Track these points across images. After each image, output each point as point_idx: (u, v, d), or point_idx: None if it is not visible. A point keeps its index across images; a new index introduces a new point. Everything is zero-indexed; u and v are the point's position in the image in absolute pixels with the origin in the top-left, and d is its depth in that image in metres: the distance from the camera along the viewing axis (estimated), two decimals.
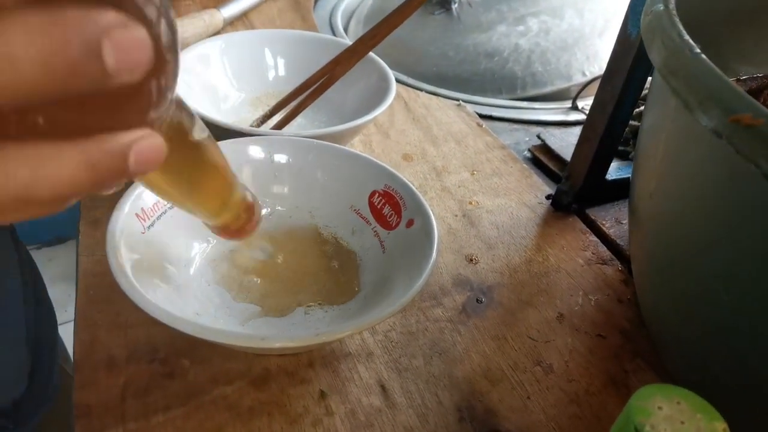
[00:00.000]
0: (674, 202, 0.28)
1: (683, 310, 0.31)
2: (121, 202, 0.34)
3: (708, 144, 0.24)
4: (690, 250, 0.28)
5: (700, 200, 0.26)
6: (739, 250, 0.25)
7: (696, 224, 0.27)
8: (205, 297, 0.35)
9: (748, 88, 0.39)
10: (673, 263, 0.31)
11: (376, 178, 0.40)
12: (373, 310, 0.32)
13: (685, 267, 0.29)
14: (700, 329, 0.30)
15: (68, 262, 1.77)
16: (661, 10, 0.28)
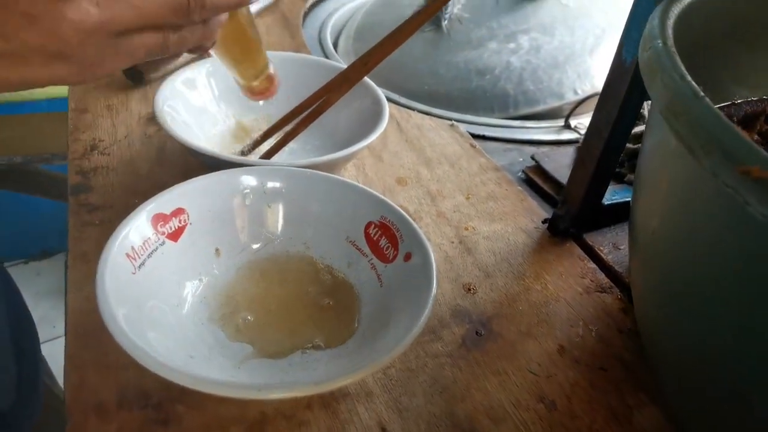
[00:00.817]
0: (678, 243, 0.28)
1: (686, 346, 0.31)
2: (110, 243, 0.33)
3: (713, 189, 0.24)
4: (694, 290, 0.28)
5: (705, 243, 0.26)
6: (745, 294, 0.24)
7: (701, 266, 0.26)
8: (199, 337, 0.34)
9: (744, 113, 0.39)
10: (675, 300, 0.30)
11: (372, 209, 0.40)
12: (373, 351, 0.31)
13: (689, 306, 0.29)
14: (703, 366, 0.30)
15: (56, 277, 1.74)
16: (660, 47, 0.27)
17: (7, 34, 0.23)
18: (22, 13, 0.22)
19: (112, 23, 0.24)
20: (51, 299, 1.67)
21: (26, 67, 0.24)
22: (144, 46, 0.26)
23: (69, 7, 0.23)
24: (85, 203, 0.45)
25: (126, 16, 0.24)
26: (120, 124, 0.54)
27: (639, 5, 0.38)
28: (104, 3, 0.23)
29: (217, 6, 0.27)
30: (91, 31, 0.23)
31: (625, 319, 0.41)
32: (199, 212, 0.38)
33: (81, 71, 0.25)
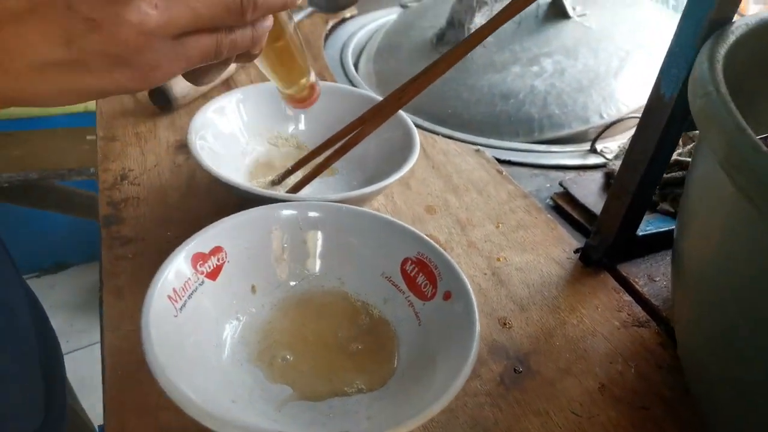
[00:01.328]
0: (733, 284, 0.28)
1: (735, 384, 0.30)
2: (152, 286, 0.33)
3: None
4: (749, 330, 0.27)
5: (762, 293, 0.25)
6: None
7: (758, 308, 0.26)
8: (239, 380, 0.34)
9: None
10: (726, 339, 0.30)
11: (409, 245, 0.39)
12: (420, 399, 0.31)
13: (741, 346, 0.28)
14: (753, 406, 0.29)
15: (69, 290, 1.74)
16: (715, 96, 0.27)
17: (70, 40, 0.23)
18: (84, 19, 0.23)
19: (169, 25, 0.24)
20: (64, 313, 1.67)
21: (87, 74, 0.24)
22: (199, 49, 0.27)
23: (128, 10, 0.23)
24: (117, 236, 0.45)
25: (183, 17, 0.25)
26: (149, 152, 0.54)
27: (678, 42, 0.37)
28: (162, 5, 0.24)
29: (269, 5, 0.27)
30: (150, 33, 0.24)
31: (664, 354, 0.41)
32: (236, 250, 0.38)
33: (140, 76, 0.26)
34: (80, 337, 1.66)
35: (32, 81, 0.24)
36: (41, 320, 0.60)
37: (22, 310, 0.54)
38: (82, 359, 1.60)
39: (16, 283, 0.55)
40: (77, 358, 1.61)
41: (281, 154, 0.53)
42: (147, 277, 0.42)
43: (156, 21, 0.24)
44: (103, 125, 0.57)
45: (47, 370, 0.57)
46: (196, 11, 0.25)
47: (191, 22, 0.25)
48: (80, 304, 1.73)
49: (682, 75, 0.38)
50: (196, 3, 0.25)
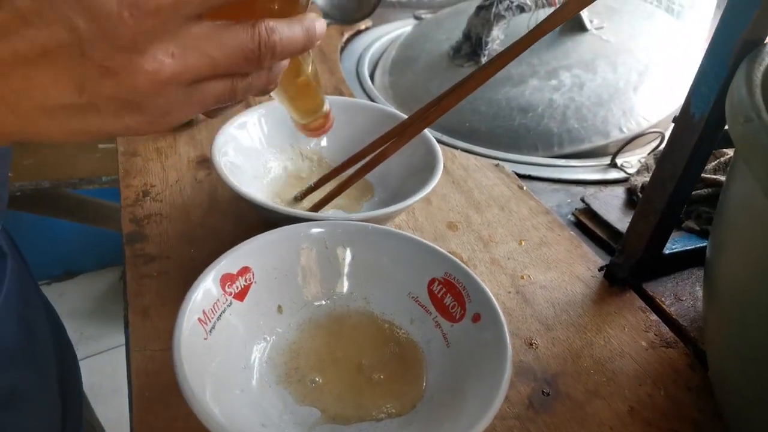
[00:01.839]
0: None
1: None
2: (182, 309, 0.32)
3: None
4: None
5: None
6: None
7: None
8: (268, 402, 0.34)
9: None
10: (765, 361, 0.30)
11: (436, 265, 0.39)
12: (448, 426, 0.30)
13: None
14: None
15: (79, 297, 1.75)
16: (756, 123, 0.27)
17: (82, 86, 0.23)
18: (99, 66, 0.22)
19: (185, 73, 0.24)
20: (74, 320, 1.68)
21: (97, 118, 0.24)
22: (214, 94, 0.26)
23: (144, 58, 0.22)
24: (141, 254, 0.45)
25: (199, 65, 0.24)
26: (170, 168, 0.54)
27: (710, 63, 0.37)
28: (179, 53, 0.23)
29: (286, 52, 0.27)
30: (165, 81, 0.23)
31: (693, 376, 0.41)
32: (263, 270, 0.38)
33: (152, 121, 0.25)
34: (90, 345, 1.66)
35: (41, 122, 0.23)
36: (58, 332, 0.60)
37: (41, 325, 0.54)
38: (92, 367, 1.60)
39: (34, 296, 0.55)
40: (88, 366, 1.60)
41: (303, 170, 0.53)
42: (172, 296, 0.42)
43: (172, 70, 0.23)
44: (124, 141, 0.57)
45: (64, 388, 0.57)
46: (213, 60, 0.24)
47: (207, 70, 0.24)
48: (90, 311, 1.74)
49: (713, 95, 0.37)
50: (213, 51, 0.24)
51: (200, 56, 0.24)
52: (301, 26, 0.26)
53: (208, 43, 0.23)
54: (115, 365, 1.63)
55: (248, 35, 0.24)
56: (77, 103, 0.23)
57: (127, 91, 0.23)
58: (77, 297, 1.79)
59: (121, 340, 1.70)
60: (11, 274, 0.47)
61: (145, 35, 0.21)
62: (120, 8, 0.20)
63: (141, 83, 0.23)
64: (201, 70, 0.24)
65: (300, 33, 0.26)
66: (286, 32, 0.26)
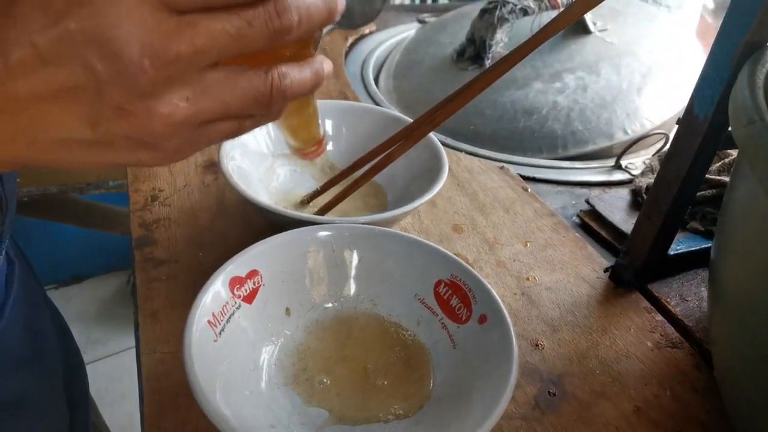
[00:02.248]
0: None
1: None
2: (192, 312, 0.33)
3: None
4: None
5: None
6: None
7: None
8: (277, 404, 0.34)
9: None
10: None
11: (442, 267, 0.39)
12: (455, 426, 0.31)
13: None
14: None
15: (85, 302, 1.76)
16: (759, 124, 0.27)
17: (97, 125, 0.23)
18: (114, 107, 0.22)
19: (198, 116, 0.24)
20: (81, 325, 1.69)
21: (110, 152, 0.24)
22: (222, 133, 0.27)
23: (161, 103, 0.23)
24: (150, 257, 0.46)
25: (213, 109, 0.24)
26: (178, 173, 0.55)
27: (713, 65, 0.37)
28: (193, 98, 0.24)
29: (296, 94, 0.27)
30: (179, 125, 0.24)
31: (699, 377, 0.41)
32: (271, 273, 0.38)
33: (163, 157, 0.26)
34: (98, 349, 1.67)
35: (55, 153, 0.24)
36: (64, 337, 0.61)
37: (47, 330, 0.55)
38: (100, 370, 1.61)
39: (41, 302, 0.56)
40: (95, 370, 1.62)
41: (309, 173, 0.53)
42: (181, 299, 0.42)
43: (186, 113, 0.23)
44: None
45: (71, 393, 0.57)
46: (226, 104, 0.24)
47: (220, 113, 0.25)
48: (97, 315, 1.75)
49: (716, 96, 0.38)
50: (227, 96, 0.24)
51: (214, 101, 0.24)
52: (310, 69, 0.27)
53: (222, 89, 0.24)
54: (122, 369, 1.64)
55: (261, 81, 0.25)
56: (91, 138, 0.23)
57: (141, 132, 0.23)
58: (84, 301, 1.80)
59: (128, 344, 1.71)
60: (18, 281, 0.48)
61: (162, 82, 0.22)
62: (141, 57, 0.21)
63: (155, 126, 0.23)
64: (214, 113, 0.25)
65: (309, 76, 0.27)
66: (297, 76, 0.26)
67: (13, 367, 0.46)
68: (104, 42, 0.20)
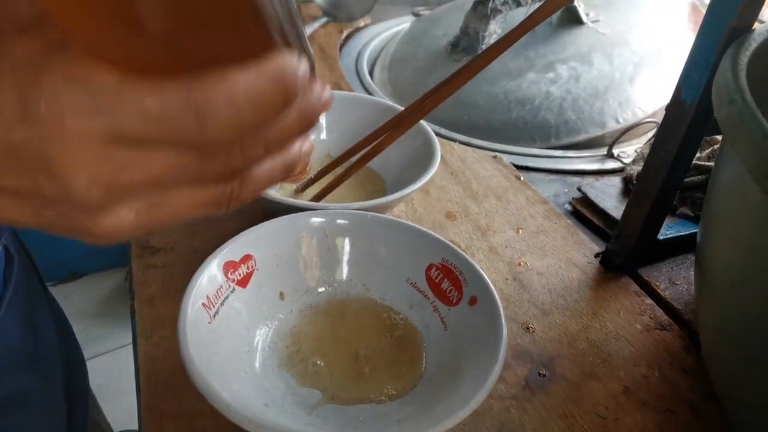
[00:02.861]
0: (763, 296, 0.28)
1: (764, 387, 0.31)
2: (187, 294, 0.33)
3: None
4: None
5: None
6: None
7: None
8: (271, 384, 0.35)
9: None
10: (753, 344, 0.30)
11: (433, 251, 0.40)
12: (448, 404, 0.31)
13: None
14: None
15: (84, 298, 1.76)
16: (740, 103, 0.27)
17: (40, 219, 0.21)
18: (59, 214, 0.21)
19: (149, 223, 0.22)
20: (80, 321, 1.69)
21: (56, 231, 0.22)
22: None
23: (108, 216, 0.21)
24: (146, 245, 0.46)
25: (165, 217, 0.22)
26: None
27: (699, 50, 0.38)
28: (145, 210, 0.21)
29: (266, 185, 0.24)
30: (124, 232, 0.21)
31: (688, 358, 0.41)
32: (265, 257, 0.39)
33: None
34: (97, 345, 1.67)
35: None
36: (64, 333, 0.61)
37: (47, 327, 0.55)
38: (99, 367, 1.61)
39: (41, 298, 0.56)
40: (94, 366, 1.62)
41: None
42: (177, 285, 0.43)
43: (133, 224, 0.21)
44: None
45: (70, 390, 0.57)
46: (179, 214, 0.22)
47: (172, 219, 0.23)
48: (96, 312, 1.75)
49: (703, 81, 0.38)
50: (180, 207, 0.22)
51: (167, 211, 0.22)
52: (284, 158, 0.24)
53: (176, 202, 0.22)
54: (121, 364, 1.64)
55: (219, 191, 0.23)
56: (34, 224, 0.21)
57: (85, 234, 0.21)
58: (83, 298, 1.80)
59: (126, 340, 1.71)
60: (17, 276, 0.48)
61: (111, 202, 0.20)
62: (88, 186, 0.19)
63: (100, 232, 0.21)
64: (166, 219, 0.22)
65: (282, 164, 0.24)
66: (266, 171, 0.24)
67: (12, 364, 0.46)
68: (50, 166, 0.19)
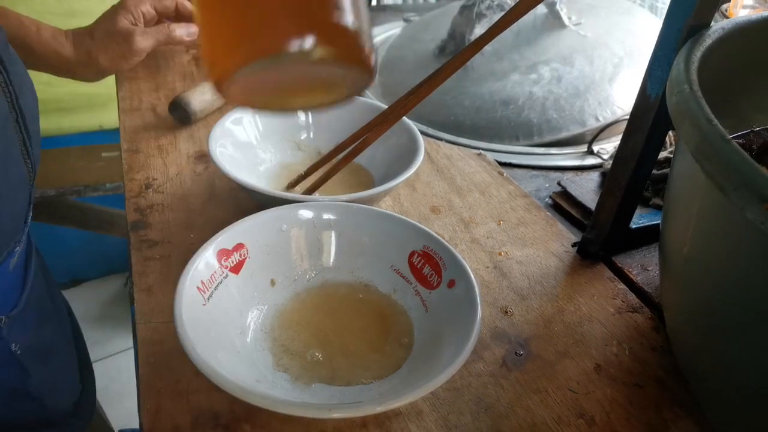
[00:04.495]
0: (708, 268, 0.30)
1: (718, 361, 0.33)
2: (183, 277, 0.36)
3: (741, 221, 0.26)
4: (723, 311, 0.30)
5: (733, 269, 0.28)
6: None
7: (729, 289, 0.29)
8: (262, 363, 0.37)
9: (763, 140, 0.42)
10: (706, 320, 0.33)
11: (415, 239, 0.42)
12: (427, 373, 0.34)
13: (719, 325, 0.31)
14: (733, 379, 0.32)
15: (84, 304, 1.78)
16: (687, 92, 0.30)
17: None
18: None
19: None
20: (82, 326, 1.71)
21: None
22: None
23: None
24: (145, 239, 0.49)
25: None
26: (171, 164, 0.58)
27: (661, 47, 0.41)
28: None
29: None
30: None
31: (657, 338, 0.44)
32: (257, 246, 0.41)
33: None
34: (97, 350, 1.69)
35: None
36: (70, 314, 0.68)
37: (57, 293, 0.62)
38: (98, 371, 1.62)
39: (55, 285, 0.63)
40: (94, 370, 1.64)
41: (295, 160, 0.56)
42: (174, 275, 0.45)
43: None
44: (127, 139, 0.61)
45: (79, 352, 0.66)
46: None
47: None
48: (97, 317, 1.77)
49: (665, 76, 0.41)
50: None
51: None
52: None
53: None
54: (121, 368, 1.66)
55: None
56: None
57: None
58: (83, 304, 1.82)
59: (126, 345, 1.73)
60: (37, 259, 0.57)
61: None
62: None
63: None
64: None
65: None
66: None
67: (40, 318, 0.56)
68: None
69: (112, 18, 0.66)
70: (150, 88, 0.72)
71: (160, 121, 0.64)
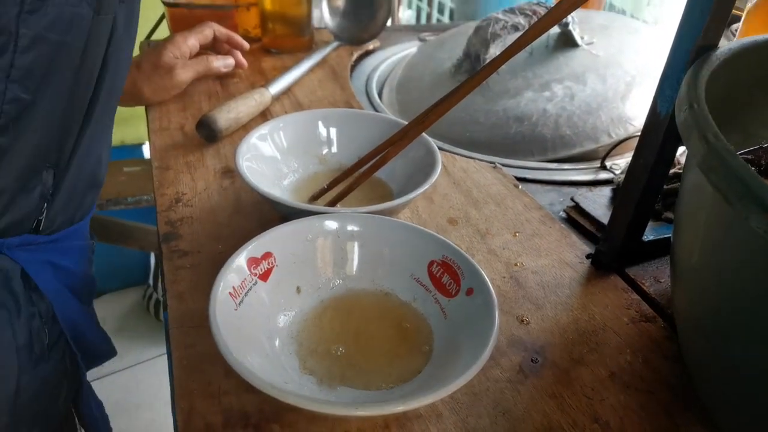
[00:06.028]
0: (716, 277, 0.32)
1: (727, 369, 0.35)
2: (217, 283, 0.38)
3: (746, 232, 0.28)
4: (733, 319, 0.32)
5: (740, 279, 0.30)
6: None
7: (737, 299, 0.30)
8: (289, 366, 0.39)
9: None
10: (716, 329, 0.34)
11: (434, 249, 0.44)
12: (447, 377, 0.35)
13: (729, 334, 0.33)
14: (743, 387, 0.33)
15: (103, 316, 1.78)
16: (695, 108, 0.32)
17: None
18: None
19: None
20: None
21: None
22: None
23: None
24: (176, 249, 0.51)
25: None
26: (199, 179, 0.60)
27: (670, 66, 0.42)
28: None
29: None
30: None
31: (670, 347, 0.45)
32: (283, 255, 0.43)
33: None
34: (115, 362, 1.70)
35: None
36: None
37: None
38: (117, 383, 1.66)
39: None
40: (113, 382, 1.67)
41: (317, 174, 0.59)
42: (204, 282, 0.48)
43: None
44: (158, 157, 0.64)
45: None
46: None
47: None
48: (116, 330, 1.80)
49: (674, 95, 0.43)
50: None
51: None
52: None
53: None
54: (138, 380, 1.68)
55: None
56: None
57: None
58: (102, 316, 1.84)
59: (144, 357, 1.75)
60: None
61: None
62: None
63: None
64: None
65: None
66: None
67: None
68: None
69: (160, 51, 0.69)
70: (178, 108, 0.75)
71: (188, 140, 0.67)
